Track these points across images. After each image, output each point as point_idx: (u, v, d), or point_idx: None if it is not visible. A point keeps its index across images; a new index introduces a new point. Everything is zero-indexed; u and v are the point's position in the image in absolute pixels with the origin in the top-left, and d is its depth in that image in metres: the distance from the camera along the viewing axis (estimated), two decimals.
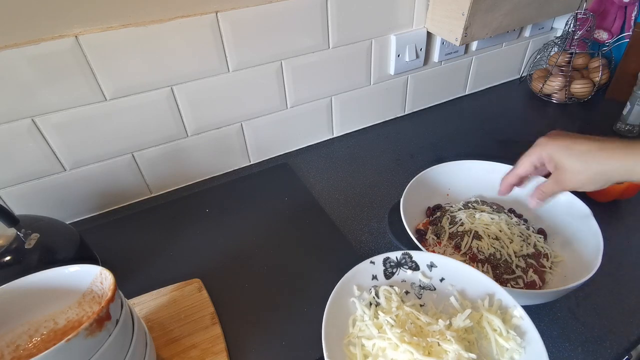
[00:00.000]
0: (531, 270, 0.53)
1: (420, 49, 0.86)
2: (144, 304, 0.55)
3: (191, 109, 0.70)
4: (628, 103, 0.83)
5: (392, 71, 0.86)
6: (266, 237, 0.66)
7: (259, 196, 0.75)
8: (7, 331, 0.40)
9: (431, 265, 0.48)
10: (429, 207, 0.66)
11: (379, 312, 0.42)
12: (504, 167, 0.65)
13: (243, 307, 0.55)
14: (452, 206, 0.65)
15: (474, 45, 0.94)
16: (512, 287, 0.52)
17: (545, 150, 0.47)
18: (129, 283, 0.59)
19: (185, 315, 0.53)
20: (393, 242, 0.57)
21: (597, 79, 0.94)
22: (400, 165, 0.81)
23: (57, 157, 0.64)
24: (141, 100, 0.65)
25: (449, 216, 0.62)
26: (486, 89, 1.07)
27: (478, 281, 0.46)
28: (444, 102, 1.02)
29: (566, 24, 0.93)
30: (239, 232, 0.67)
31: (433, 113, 0.98)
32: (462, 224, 0.59)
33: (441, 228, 0.61)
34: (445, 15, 0.78)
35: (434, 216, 0.64)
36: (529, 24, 0.93)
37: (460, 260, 0.56)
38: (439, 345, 0.37)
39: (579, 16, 0.89)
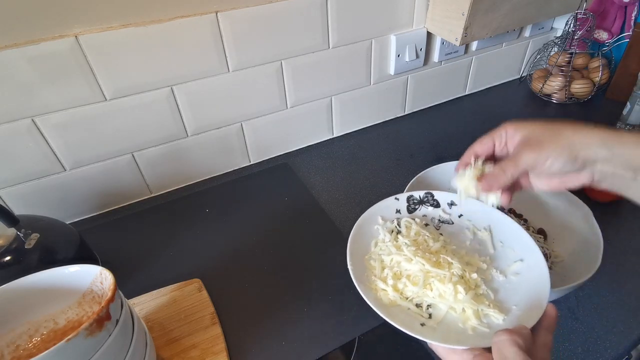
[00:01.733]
0: None
1: (420, 49, 0.86)
2: (144, 304, 0.55)
3: (191, 109, 0.70)
4: (628, 103, 0.83)
5: (392, 71, 0.86)
6: (266, 237, 0.66)
7: (259, 196, 0.75)
8: (7, 331, 0.40)
9: (451, 204, 0.52)
10: None
11: (399, 237, 0.47)
12: None
13: (243, 307, 0.56)
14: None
15: (474, 45, 0.94)
16: None
17: (512, 126, 0.42)
18: (129, 283, 0.59)
19: (185, 315, 0.53)
20: None
21: (597, 79, 0.94)
22: (400, 165, 0.81)
23: (57, 157, 0.64)
24: (141, 100, 0.65)
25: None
26: (486, 89, 1.07)
27: (495, 219, 0.49)
28: (444, 102, 1.02)
29: (566, 24, 0.93)
30: (239, 232, 0.67)
31: (433, 113, 0.98)
32: None
33: None
34: (445, 15, 0.78)
35: None
36: (529, 24, 0.93)
37: None
38: (448, 262, 0.43)
39: (579, 16, 0.89)
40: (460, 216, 0.51)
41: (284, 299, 0.56)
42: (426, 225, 0.50)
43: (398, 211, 0.52)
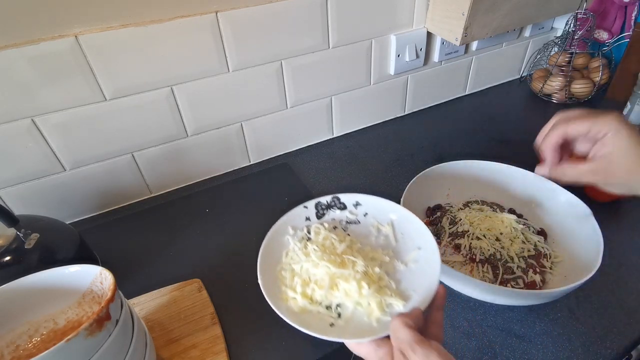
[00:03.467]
0: (531, 270, 0.53)
1: (420, 49, 0.86)
2: (144, 304, 0.55)
3: (191, 109, 0.70)
4: (628, 103, 0.83)
5: (392, 71, 0.86)
6: None
7: (259, 196, 0.75)
8: (7, 331, 0.40)
9: (356, 204, 0.54)
10: (428, 207, 0.66)
11: (308, 244, 0.49)
12: (504, 167, 0.65)
13: (243, 307, 0.55)
14: (452, 206, 0.65)
15: (474, 45, 0.94)
16: (513, 287, 0.52)
17: (617, 127, 0.39)
18: (129, 283, 0.59)
19: (185, 316, 0.53)
20: None
21: (597, 79, 0.94)
22: (400, 165, 0.81)
23: (57, 157, 0.64)
24: (141, 100, 0.65)
25: (449, 216, 0.62)
26: (486, 89, 1.06)
27: (395, 213, 0.52)
28: (444, 102, 1.02)
29: (566, 24, 0.93)
30: (239, 232, 0.67)
31: (433, 113, 0.98)
32: (462, 224, 0.59)
33: (441, 228, 0.61)
34: (445, 15, 0.78)
35: (434, 216, 0.64)
36: (529, 24, 0.93)
37: (460, 261, 0.57)
38: (352, 261, 0.46)
39: (579, 16, 0.89)
40: (365, 215, 0.53)
41: None
42: (335, 228, 0.52)
43: (308, 219, 0.53)
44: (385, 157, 0.84)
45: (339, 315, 0.42)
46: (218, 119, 0.74)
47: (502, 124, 0.92)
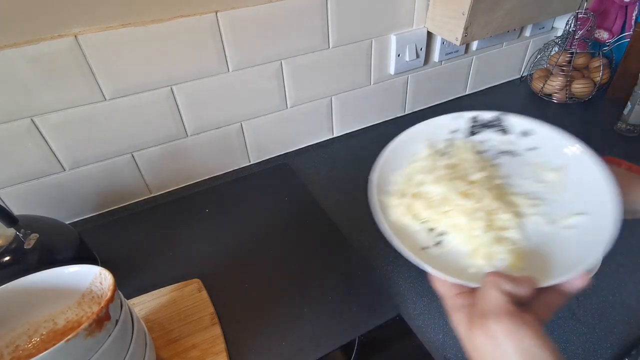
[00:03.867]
0: None
1: (421, 49, 0.85)
2: (143, 304, 0.55)
3: (191, 109, 0.70)
4: (629, 103, 0.82)
5: (392, 71, 0.86)
6: (266, 237, 0.66)
7: (259, 196, 0.75)
8: (7, 331, 0.40)
9: (525, 133, 0.43)
10: None
11: (440, 158, 0.42)
12: None
13: (243, 307, 0.55)
14: None
15: (474, 45, 0.94)
16: None
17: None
18: (129, 283, 0.59)
19: (185, 316, 0.53)
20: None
21: (598, 78, 0.94)
22: None
23: (56, 157, 0.64)
24: (141, 100, 0.65)
25: None
26: (486, 88, 1.06)
27: (576, 160, 0.40)
28: (444, 102, 1.01)
29: (567, 24, 0.92)
30: (239, 232, 0.67)
31: (433, 113, 0.97)
32: None
33: None
34: (446, 14, 0.77)
35: None
36: (529, 24, 0.93)
37: None
38: (478, 195, 0.38)
39: (579, 16, 0.89)
40: (531, 150, 0.43)
41: (284, 299, 0.56)
42: (481, 152, 0.43)
43: (455, 131, 0.45)
44: None
45: (438, 243, 0.37)
46: (218, 119, 0.74)
47: None
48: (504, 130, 0.44)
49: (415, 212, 0.39)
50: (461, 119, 0.45)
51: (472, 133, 0.45)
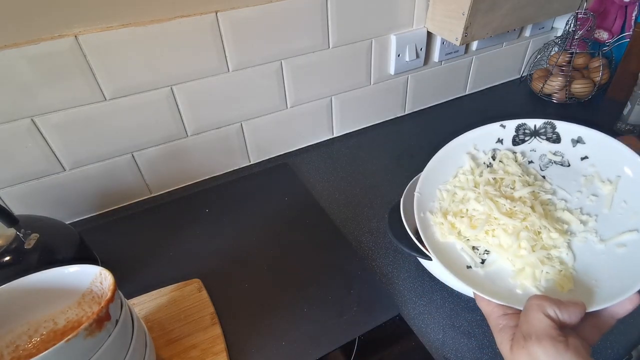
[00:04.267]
0: None
1: (421, 49, 0.86)
2: (143, 304, 0.55)
3: (191, 108, 0.70)
4: (628, 103, 0.82)
5: (392, 71, 0.86)
6: (266, 237, 0.66)
7: (259, 196, 0.75)
8: (7, 331, 0.40)
9: (578, 140, 0.41)
10: None
11: (485, 172, 0.41)
12: None
13: (243, 307, 0.55)
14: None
15: (474, 45, 0.94)
16: None
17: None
18: (129, 283, 0.59)
19: (185, 316, 0.53)
20: (393, 242, 0.57)
21: (598, 78, 0.94)
22: (400, 165, 0.81)
23: (56, 157, 0.64)
24: (141, 100, 0.65)
25: None
26: (486, 88, 1.06)
27: (633, 171, 0.37)
28: (444, 102, 1.01)
29: (566, 24, 0.92)
30: (239, 232, 0.67)
31: (433, 113, 0.98)
32: None
33: None
34: (446, 15, 0.78)
35: None
36: (529, 24, 0.93)
37: None
38: (525, 213, 0.37)
39: (579, 16, 0.89)
40: (584, 159, 0.40)
41: (284, 299, 0.56)
42: (530, 162, 0.42)
43: (500, 141, 0.43)
44: (385, 157, 0.83)
45: (483, 262, 0.36)
46: (218, 119, 0.74)
47: None
48: (552, 139, 0.42)
49: (458, 230, 0.38)
50: (507, 128, 0.44)
51: (520, 142, 0.43)
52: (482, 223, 0.37)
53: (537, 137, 0.42)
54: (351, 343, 0.51)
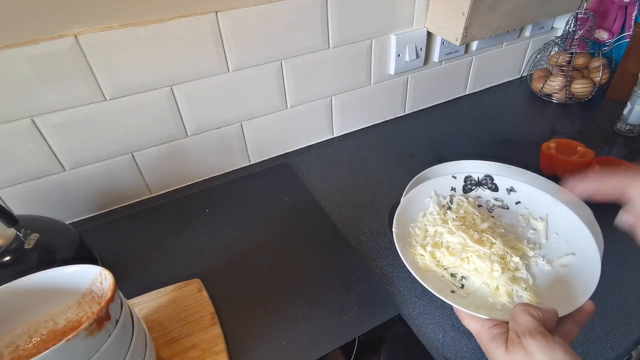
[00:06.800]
0: None
1: (421, 49, 0.86)
2: (143, 304, 0.55)
3: (191, 109, 0.70)
4: (628, 103, 0.82)
5: (392, 71, 0.86)
6: (266, 237, 0.66)
7: (259, 196, 0.75)
8: (7, 331, 0.40)
9: (510, 190, 0.52)
10: None
11: (448, 212, 0.49)
12: (504, 167, 0.65)
13: (243, 307, 0.55)
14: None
15: (474, 45, 0.94)
16: None
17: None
18: (129, 283, 0.59)
19: (185, 316, 0.53)
20: (393, 242, 0.57)
21: (598, 78, 0.94)
22: (400, 165, 0.81)
23: (56, 157, 0.64)
24: (141, 100, 0.65)
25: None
26: (486, 89, 1.06)
27: (555, 211, 0.48)
28: (444, 102, 1.01)
29: (566, 24, 0.92)
30: (239, 232, 0.67)
31: (433, 113, 0.98)
32: None
33: None
34: (446, 15, 0.78)
35: None
36: (529, 24, 0.93)
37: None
38: (491, 241, 0.44)
39: (579, 16, 0.89)
40: (517, 203, 0.51)
41: (283, 299, 0.56)
42: (479, 206, 0.51)
43: (453, 189, 0.53)
44: (385, 157, 0.84)
45: (462, 286, 0.42)
46: (218, 119, 0.74)
47: (502, 124, 0.92)
48: (492, 188, 0.53)
49: (438, 259, 0.44)
50: (457, 178, 0.53)
51: (469, 190, 0.53)
52: (459, 251, 0.44)
53: (480, 187, 0.53)
54: (351, 343, 0.51)
